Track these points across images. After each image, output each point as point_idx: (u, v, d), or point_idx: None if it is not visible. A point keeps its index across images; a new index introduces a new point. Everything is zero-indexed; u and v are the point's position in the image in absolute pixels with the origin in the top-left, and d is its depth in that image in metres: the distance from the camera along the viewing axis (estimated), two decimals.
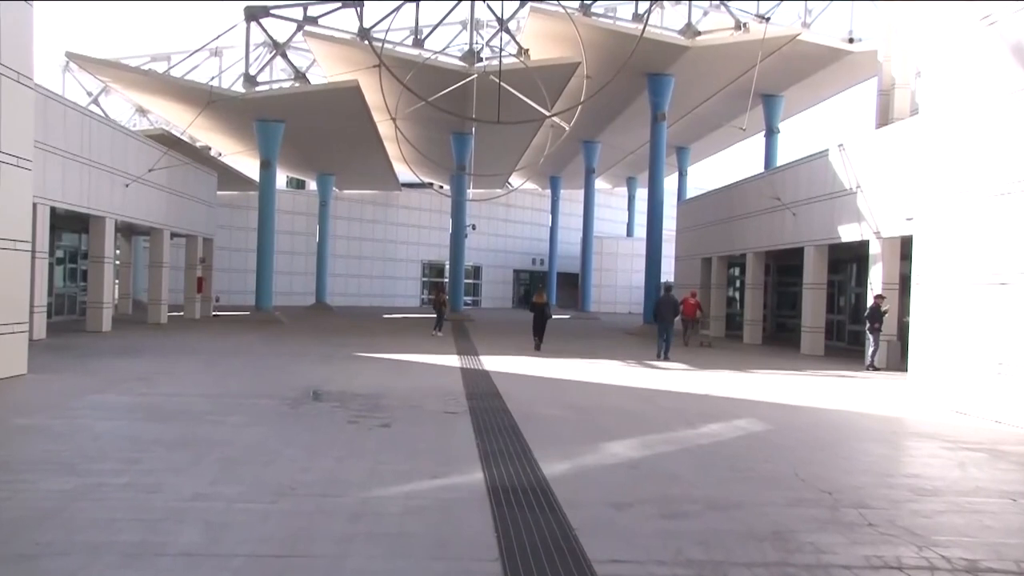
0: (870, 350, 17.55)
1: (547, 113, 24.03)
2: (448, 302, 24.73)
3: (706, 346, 23.23)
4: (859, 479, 6.95)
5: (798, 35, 26.96)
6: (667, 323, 18.73)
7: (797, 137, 74.19)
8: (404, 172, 45.21)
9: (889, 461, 8.01)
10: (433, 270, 51.18)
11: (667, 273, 36.39)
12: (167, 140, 29.79)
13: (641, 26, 23.22)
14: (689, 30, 26.74)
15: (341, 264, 45.86)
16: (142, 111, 39.87)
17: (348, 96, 27.10)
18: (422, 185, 44.72)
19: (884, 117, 21.73)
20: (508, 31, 27.30)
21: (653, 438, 8.54)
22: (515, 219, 54.56)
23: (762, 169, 30.35)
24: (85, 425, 8.26)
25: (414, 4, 26.83)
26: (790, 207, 22.20)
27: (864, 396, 13.01)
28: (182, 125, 32.30)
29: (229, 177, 37.03)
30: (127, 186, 22.27)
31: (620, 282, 49.64)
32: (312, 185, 45.99)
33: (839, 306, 25.14)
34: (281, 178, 44.95)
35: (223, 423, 8.54)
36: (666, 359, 18.06)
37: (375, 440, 7.92)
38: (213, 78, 31.62)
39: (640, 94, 29.74)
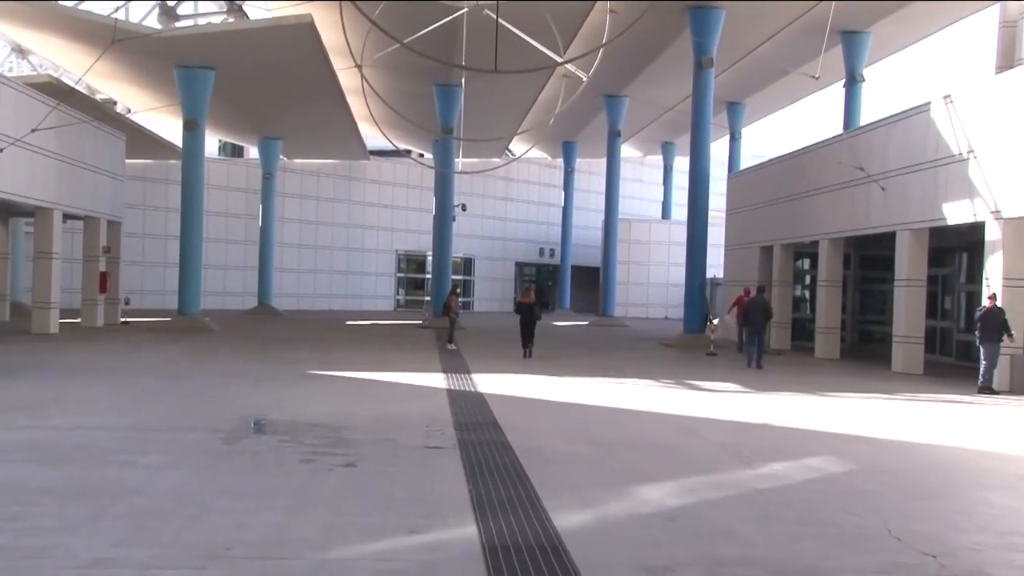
0: (984, 367, 17.46)
1: (559, 59, 23.94)
2: (458, 306, 25.02)
3: (770, 353, 24.01)
4: (975, 538, 6.88)
5: None
6: (759, 328, 21.49)
7: (887, 88, 73.95)
8: (373, 136, 45.02)
9: (1016, 515, 7.92)
10: (412, 263, 51.16)
11: (714, 266, 36.34)
12: (57, 91, 29.61)
13: None
14: None
15: (291, 255, 45.89)
16: (21, 51, 39.80)
17: (299, 36, 27.04)
18: (397, 153, 44.66)
19: (1007, 58, 21.59)
20: None
21: (698, 481, 8.49)
22: (517, 197, 54.58)
23: (840, 130, 30.26)
24: None
25: None
26: (877, 179, 22.14)
27: (980, 427, 12.98)
28: (77, 71, 32.20)
29: (142, 141, 36.94)
30: (2, 151, 22.18)
31: (654, 278, 49.62)
32: (253, 152, 46.00)
33: (944, 309, 25.04)
34: (212, 143, 44.87)
35: (135, 465, 8.48)
36: (759, 368, 20.69)
37: (336, 484, 7.88)
38: (118, 9, 31.64)
39: (680, 34, 29.67)
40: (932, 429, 12.55)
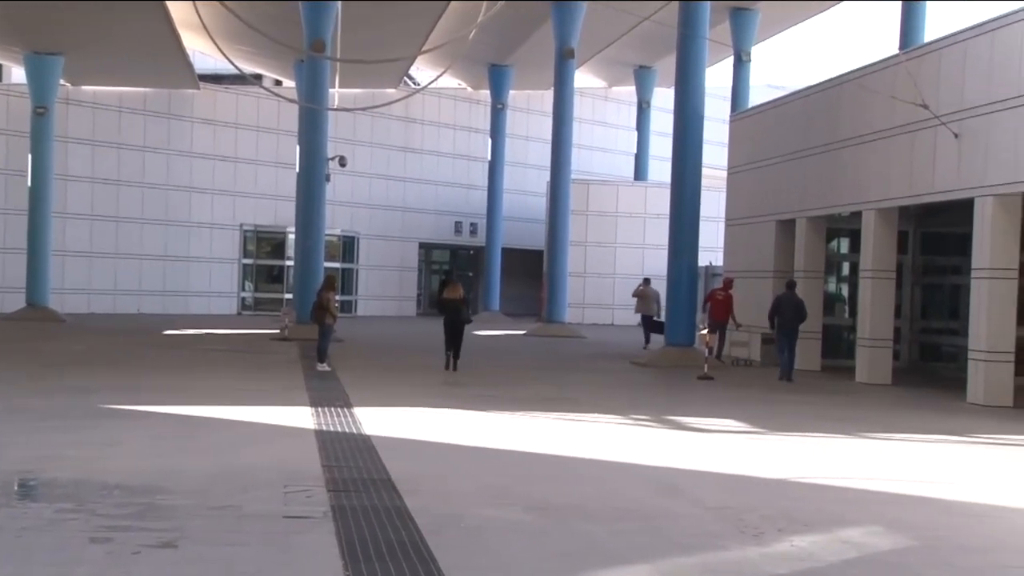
0: None
1: None
2: (335, 306, 24.91)
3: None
4: None
5: None
6: (791, 332, 24.66)
7: None
8: (206, 55, 44.45)
9: None
10: (265, 245, 50.68)
11: (710, 250, 36.69)
12: None
13: None
14: None
15: (79, 232, 45.12)
16: None
17: None
18: (241, 80, 44.17)
19: None
20: None
21: (685, 563, 8.58)
22: (423, 147, 54.45)
23: (895, 50, 30.74)
24: None
25: None
26: (947, 121, 22.48)
27: None
28: None
29: None
30: None
31: (621, 267, 49.89)
32: (17, 75, 45.06)
33: None
34: None
35: None
36: (789, 381, 24.07)
37: (145, 575, 7.79)
38: None
39: None
40: None
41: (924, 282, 30.55)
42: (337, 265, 49.25)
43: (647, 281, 36.73)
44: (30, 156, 41.44)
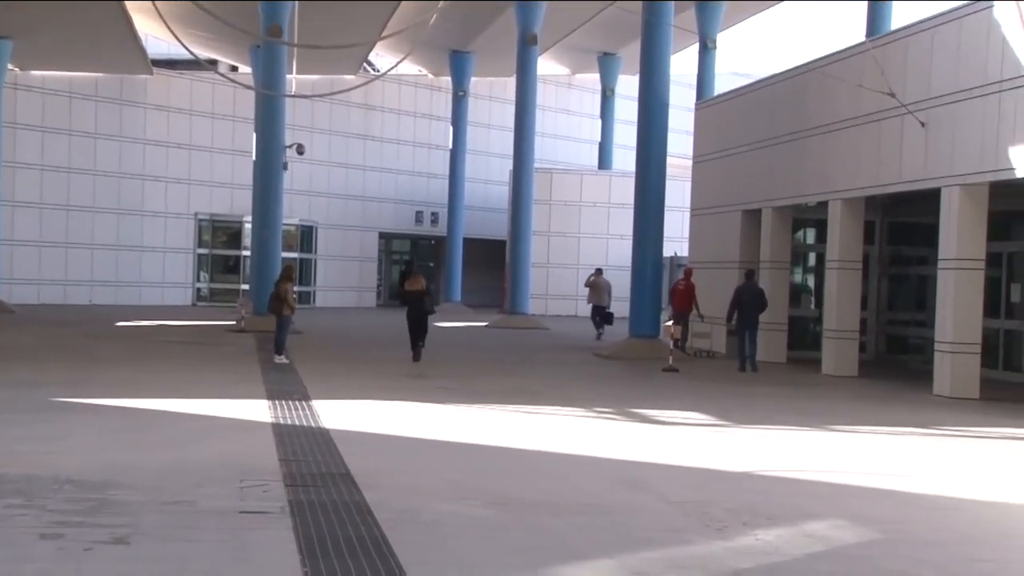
0: None
1: None
2: (293, 297, 24.86)
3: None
4: None
5: None
6: (751, 322, 25.22)
7: None
8: (159, 39, 44.14)
9: None
10: (221, 234, 50.37)
11: (675, 240, 36.73)
12: None
13: None
14: None
15: (28, 221, 44.74)
16: None
17: None
18: (196, 65, 43.88)
19: None
20: None
21: (648, 558, 8.58)
22: (383, 135, 54.30)
23: (863, 37, 30.84)
24: None
25: None
26: (914, 110, 22.56)
27: None
28: None
29: None
30: None
31: (585, 258, 49.82)
32: None
33: (1010, 303, 25.59)
34: None
35: None
36: (754, 371, 24.79)
37: (97, 572, 7.75)
38: None
39: None
40: (992, 480, 12.90)
41: (891, 273, 30.71)
42: (295, 255, 49.12)
43: (599, 271, 37.67)
44: None
